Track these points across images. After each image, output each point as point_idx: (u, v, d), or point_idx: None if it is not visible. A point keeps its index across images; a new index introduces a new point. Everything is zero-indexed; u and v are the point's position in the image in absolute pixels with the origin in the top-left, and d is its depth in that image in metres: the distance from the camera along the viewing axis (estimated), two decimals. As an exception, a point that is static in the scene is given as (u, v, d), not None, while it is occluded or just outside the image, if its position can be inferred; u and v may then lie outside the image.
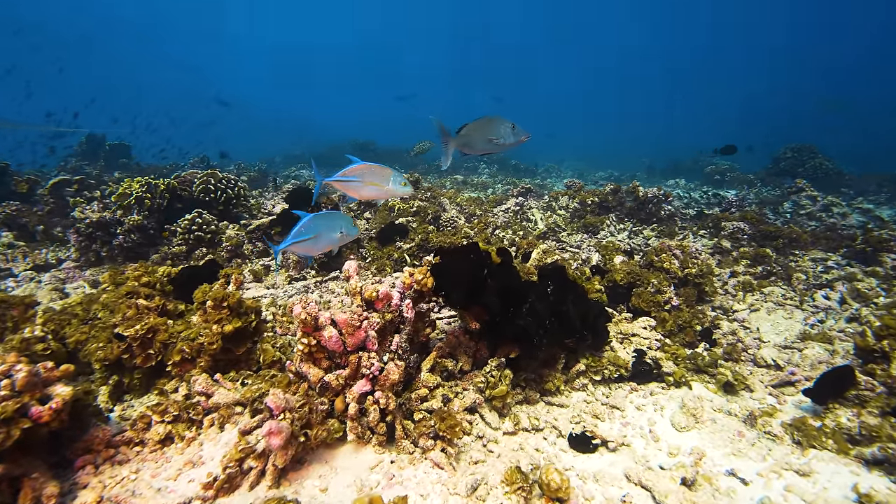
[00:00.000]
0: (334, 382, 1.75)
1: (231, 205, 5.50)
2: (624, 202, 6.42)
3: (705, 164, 12.68)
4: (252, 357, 2.13)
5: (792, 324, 3.55)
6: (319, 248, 2.54)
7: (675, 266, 3.79)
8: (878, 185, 9.48)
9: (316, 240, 2.43)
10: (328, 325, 1.76)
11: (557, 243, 5.81)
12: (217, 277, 2.61)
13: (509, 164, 16.10)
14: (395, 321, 2.07)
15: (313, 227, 2.42)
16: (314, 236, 2.41)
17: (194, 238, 4.53)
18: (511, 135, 2.48)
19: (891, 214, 7.47)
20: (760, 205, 8.33)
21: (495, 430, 2.14)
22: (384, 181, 2.54)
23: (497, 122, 2.47)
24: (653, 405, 2.38)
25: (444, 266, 2.14)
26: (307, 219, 2.42)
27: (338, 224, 2.49)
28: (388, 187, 2.55)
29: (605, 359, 2.58)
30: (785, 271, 4.39)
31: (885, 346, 2.16)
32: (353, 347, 1.83)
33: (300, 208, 4.41)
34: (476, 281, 2.19)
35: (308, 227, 2.41)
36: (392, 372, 1.80)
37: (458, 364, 2.37)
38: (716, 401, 2.35)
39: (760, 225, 5.31)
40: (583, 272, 3.87)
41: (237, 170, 11.40)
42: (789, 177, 9.79)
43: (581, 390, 2.54)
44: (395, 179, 2.55)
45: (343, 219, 2.51)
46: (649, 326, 2.85)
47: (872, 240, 4.53)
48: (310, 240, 2.41)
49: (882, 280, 4.03)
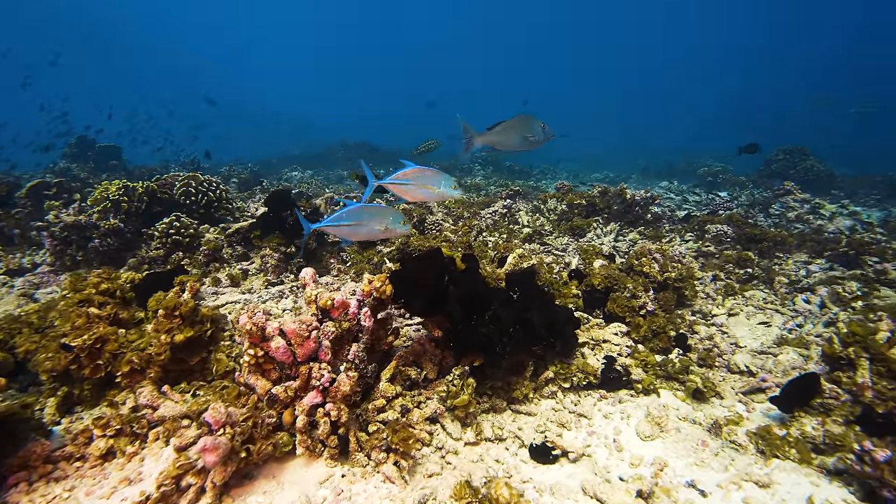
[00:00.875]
0: (282, 395, 1.71)
1: (213, 208, 5.46)
2: (612, 204, 6.39)
3: (698, 165, 12.68)
4: (207, 367, 2.09)
5: (770, 328, 3.51)
6: (359, 235, 2.55)
7: (654, 270, 3.76)
8: (869, 188, 9.47)
9: (357, 227, 2.45)
10: (276, 335, 1.72)
11: (543, 246, 5.78)
12: (183, 283, 2.57)
13: (504, 165, 16.07)
14: (353, 330, 2.03)
15: (357, 215, 2.44)
16: (355, 223, 2.44)
17: (172, 242, 4.48)
18: (542, 133, 2.64)
19: (880, 217, 7.46)
20: (751, 207, 8.31)
21: (456, 441, 2.10)
22: (436, 184, 2.58)
23: (532, 120, 2.62)
24: (620, 413, 2.35)
25: (404, 273, 2.10)
26: (354, 206, 2.45)
27: (386, 217, 2.47)
28: (439, 190, 2.57)
29: (575, 366, 2.55)
30: (767, 275, 4.37)
31: (851, 353, 2.13)
32: (303, 358, 1.79)
33: (279, 212, 4.39)
34: (438, 288, 2.15)
35: (352, 213, 2.44)
36: (343, 384, 1.76)
37: (422, 372, 2.33)
38: (682, 409, 2.31)
39: (746, 228, 5.28)
40: (560, 276, 3.84)
41: (228, 171, 11.36)
42: (780, 179, 9.78)
43: (550, 398, 2.50)
44: (445, 182, 2.58)
45: (394, 214, 2.50)
46: (620, 332, 2.82)
47: (855, 243, 4.51)
48: (350, 226, 2.44)
49: (864, 283, 4.00)
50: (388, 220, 2.46)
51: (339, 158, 16.84)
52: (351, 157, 16.17)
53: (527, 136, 2.64)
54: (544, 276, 3.58)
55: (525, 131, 2.63)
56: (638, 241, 5.75)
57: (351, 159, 16.11)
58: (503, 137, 2.62)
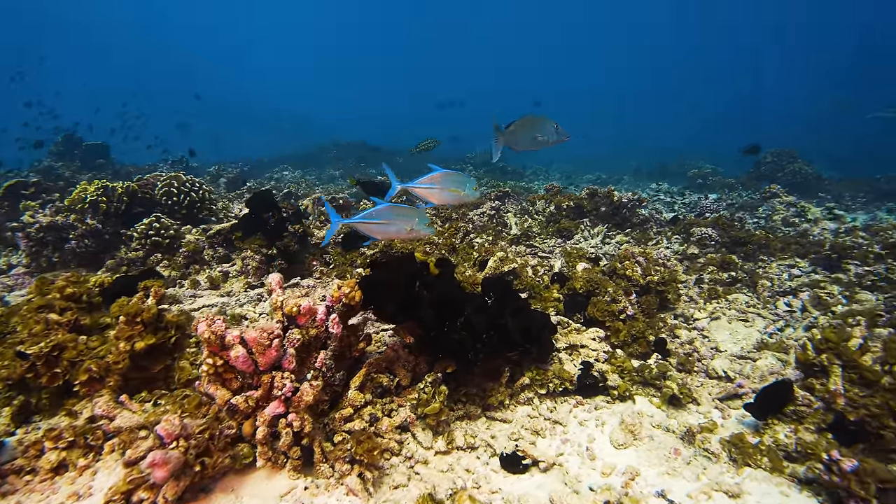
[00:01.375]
0: (242, 405, 1.67)
1: (195, 209, 5.39)
2: (599, 206, 6.39)
3: (689, 167, 12.72)
4: (171, 375, 2.04)
5: (752, 332, 3.51)
6: (387, 234, 2.60)
7: (637, 274, 3.75)
8: (855, 191, 9.54)
9: (386, 225, 2.50)
10: (236, 343, 1.67)
11: (530, 248, 5.76)
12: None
13: (497, 165, 16.05)
14: (321, 337, 1.99)
15: (387, 214, 2.48)
16: (385, 221, 2.48)
17: (151, 243, 4.42)
18: (555, 134, 2.67)
19: (865, 220, 7.50)
20: (740, 209, 8.34)
21: (427, 450, 2.07)
22: (461, 187, 2.68)
23: (543, 121, 2.65)
24: (595, 420, 2.32)
25: (374, 279, 2.07)
26: (383, 206, 2.49)
27: (413, 219, 2.50)
28: (463, 192, 2.68)
29: (551, 371, 2.52)
30: (751, 278, 4.37)
31: (824, 360, 2.12)
32: (266, 367, 1.75)
33: (261, 213, 4.33)
34: (409, 294, 2.11)
35: (381, 213, 2.48)
36: (306, 393, 1.72)
37: (395, 379, 2.29)
38: (656, 416, 2.29)
39: (731, 231, 5.29)
40: (542, 280, 3.82)
41: (217, 170, 11.26)
42: (768, 181, 9.83)
43: (526, 404, 2.47)
44: (469, 185, 2.68)
45: (421, 216, 2.53)
46: (598, 338, 2.79)
47: (837, 247, 4.52)
48: (379, 223, 2.49)
49: (844, 287, 4.01)
50: (414, 222, 2.50)
51: (332, 158, 16.75)
52: (342, 157, 16.09)
53: (537, 136, 2.67)
54: (526, 279, 3.56)
55: (535, 131, 2.67)
56: (624, 244, 5.75)
57: (342, 159, 16.03)
58: (514, 137, 2.68)
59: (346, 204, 5.96)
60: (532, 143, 2.72)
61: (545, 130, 2.67)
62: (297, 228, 4.32)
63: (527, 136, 2.68)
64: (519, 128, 2.67)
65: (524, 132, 2.68)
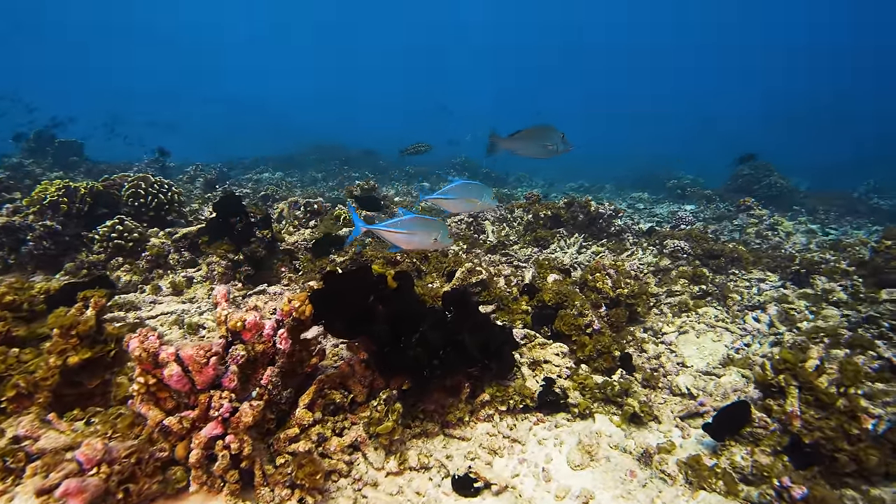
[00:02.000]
0: (176, 426, 1.58)
1: (164, 211, 5.24)
2: (576, 216, 6.39)
3: (668, 178, 12.88)
4: (109, 391, 1.94)
5: (719, 347, 3.51)
6: (411, 244, 2.65)
7: (607, 286, 3.73)
8: (828, 204, 9.74)
9: (409, 236, 2.56)
10: (171, 361, 1.59)
11: (506, 257, 5.73)
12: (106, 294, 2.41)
13: (480, 171, 16.07)
14: (268, 353, 1.92)
15: (411, 224, 2.55)
16: (409, 232, 2.55)
17: (114, 246, 4.27)
18: (561, 144, 2.78)
19: (837, 234, 7.65)
20: (717, 220, 8.45)
21: (378, 471, 2.00)
22: (479, 196, 2.84)
23: (550, 130, 2.76)
24: (554, 439, 2.28)
25: (326, 292, 2.00)
26: (409, 216, 2.57)
27: (435, 231, 2.58)
28: (480, 202, 2.84)
29: (512, 388, 2.47)
30: (721, 292, 4.39)
31: (782, 381, 2.10)
32: (203, 385, 1.66)
33: (228, 217, 4.22)
34: (363, 308, 2.05)
35: (406, 223, 2.54)
36: (245, 414, 1.64)
37: (349, 395, 2.22)
38: (615, 436, 2.25)
39: (704, 243, 5.33)
40: (511, 292, 3.78)
41: (195, 171, 11.03)
42: (745, 193, 9.99)
43: (486, 421, 2.42)
44: (486, 194, 2.85)
45: (442, 228, 2.62)
46: (562, 353, 2.76)
47: (805, 262, 4.58)
48: (404, 233, 2.55)
49: (812, 302, 4.06)
50: (438, 234, 2.58)
51: (313, 160, 16.59)
52: (325, 160, 15.93)
53: (545, 144, 2.78)
54: (494, 290, 3.52)
55: (543, 140, 2.77)
56: (600, 254, 5.76)
57: (325, 161, 15.88)
58: (522, 144, 2.79)
59: (320, 208, 5.86)
60: (540, 152, 2.83)
61: (553, 140, 2.77)
62: (266, 234, 4.22)
63: (535, 145, 2.80)
64: (528, 136, 2.77)
65: (533, 140, 2.78)
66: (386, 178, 14.29)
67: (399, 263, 4.00)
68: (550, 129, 2.76)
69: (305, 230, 5.61)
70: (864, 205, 9.67)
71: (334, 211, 5.82)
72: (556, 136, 2.77)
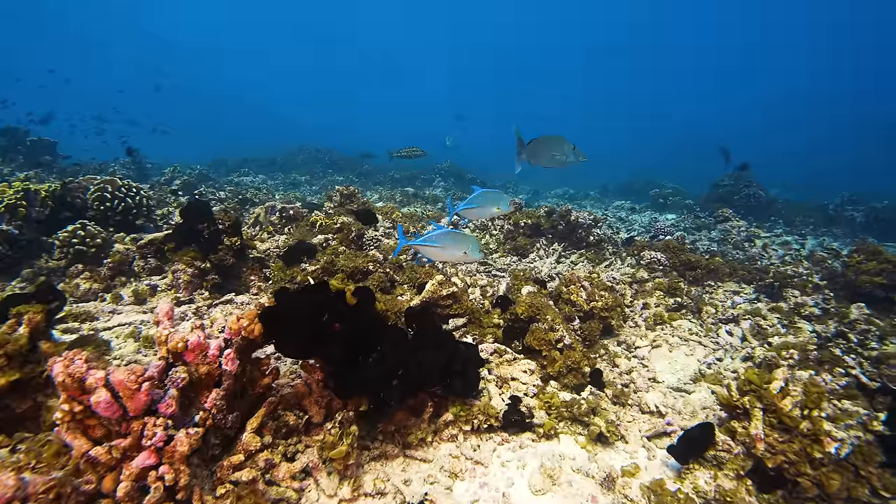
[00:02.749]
0: (104, 457, 1.48)
1: (131, 215, 5.08)
2: (557, 225, 6.37)
3: (651, 187, 12.99)
4: (41, 416, 1.82)
5: (691, 362, 3.49)
6: (443, 257, 2.83)
7: (581, 299, 3.69)
8: (805, 216, 9.90)
9: (443, 249, 2.72)
10: (100, 387, 1.48)
11: (484, 266, 5.68)
12: (52, 305, 2.29)
13: (466, 177, 16.04)
14: (213, 374, 1.82)
15: (444, 239, 2.71)
16: (441, 246, 2.71)
17: (74, 252, 4.11)
18: (572, 154, 2.87)
19: (814, 245, 7.76)
20: (697, 230, 8.52)
21: (329, 498, 1.91)
22: (498, 204, 3.01)
23: (561, 141, 2.85)
24: (517, 462, 2.21)
25: (277, 310, 1.90)
26: (441, 231, 2.77)
27: (465, 244, 2.73)
28: (497, 209, 3.02)
29: (477, 407, 2.40)
30: (696, 304, 4.39)
31: (747, 402, 2.07)
32: (137, 412, 1.56)
33: (195, 224, 4.09)
34: (318, 327, 1.96)
35: (439, 237, 2.71)
36: (181, 442, 1.54)
37: (304, 417, 2.13)
38: (578, 458, 2.20)
39: (681, 254, 5.34)
40: (483, 305, 3.72)
41: (172, 172, 10.80)
42: (725, 204, 10.10)
43: (450, 441, 2.34)
44: (504, 201, 3.01)
45: (472, 241, 2.76)
46: (529, 370, 2.70)
47: (779, 275, 4.60)
48: (437, 247, 2.71)
49: (784, 316, 4.07)
50: (468, 247, 2.72)
51: (300, 162, 16.42)
52: (310, 162, 15.78)
53: (555, 154, 2.88)
54: (465, 303, 3.45)
55: (553, 150, 2.88)
56: (579, 264, 5.74)
57: (310, 164, 15.72)
58: (535, 153, 2.90)
59: (296, 214, 5.75)
60: (550, 161, 2.92)
61: (563, 150, 2.86)
62: (235, 241, 4.10)
63: (546, 154, 2.89)
64: (540, 145, 2.87)
65: (543, 148, 2.88)
66: (370, 183, 14.18)
67: (371, 273, 3.91)
68: (560, 139, 2.85)
69: (280, 236, 5.49)
70: (840, 216, 9.85)
71: (310, 217, 5.71)
72: (567, 146, 2.85)
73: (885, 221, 8.94)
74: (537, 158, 2.93)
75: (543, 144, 2.87)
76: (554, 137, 2.87)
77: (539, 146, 2.88)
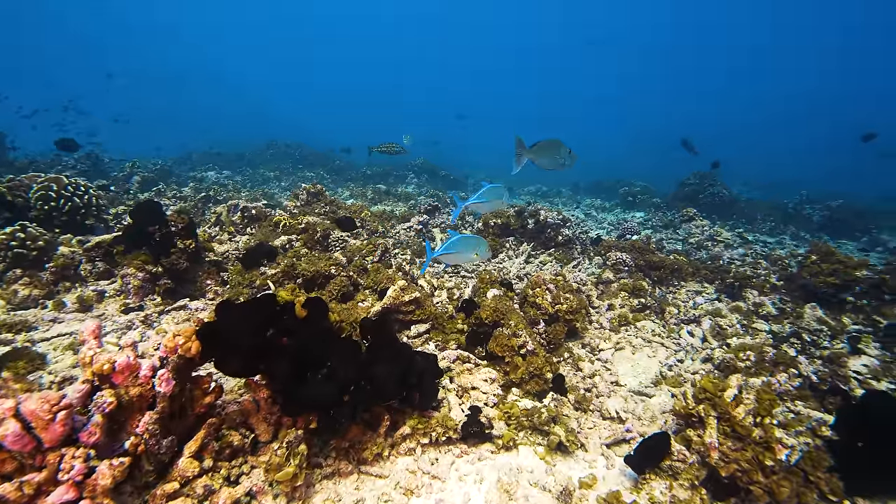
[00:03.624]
0: (13, 494, 1.35)
1: (79, 215, 4.81)
2: (526, 225, 6.36)
3: (620, 185, 13.19)
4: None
5: (653, 364, 3.52)
6: (458, 261, 3.15)
7: (546, 302, 3.67)
8: (764, 215, 10.21)
9: (458, 254, 3.04)
10: (8, 417, 1.35)
11: (453, 268, 5.62)
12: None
13: (439, 174, 15.94)
14: (146, 396, 1.69)
15: (458, 244, 3.02)
16: (456, 252, 3.02)
17: (13, 256, 3.85)
18: (568, 158, 3.09)
19: (773, 244, 8.01)
20: (664, 228, 8.68)
21: (275, 522, 1.81)
22: (504, 197, 3.31)
23: (560, 145, 3.07)
24: (475, 475, 2.16)
25: (215, 327, 1.79)
26: (457, 237, 3.05)
27: (475, 246, 3.05)
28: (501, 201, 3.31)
29: (435, 419, 2.34)
30: (660, 305, 4.44)
31: (702, 410, 2.07)
32: (53, 443, 1.43)
33: (146, 225, 3.88)
34: (262, 342, 1.86)
35: (454, 243, 3.01)
36: (103, 475, 1.42)
37: (251, 435, 2.02)
38: (536, 472, 2.16)
39: (646, 254, 5.40)
40: (448, 309, 3.66)
41: (131, 167, 10.34)
42: (690, 202, 10.33)
43: (407, 455, 2.28)
44: (507, 195, 3.29)
45: (482, 244, 3.08)
46: (490, 379, 2.65)
47: (739, 275, 4.70)
48: (453, 253, 3.01)
49: (743, 316, 4.16)
50: (479, 249, 3.06)
51: (269, 158, 15.98)
52: (279, 157, 15.38)
53: (555, 156, 3.09)
54: (429, 308, 3.38)
55: (553, 153, 3.08)
56: (547, 264, 5.74)
57: (279, 159, 15.32)
58: (537, 156, 3.08)
59: (259, 213, 5.55)
60: (551, 164, 3.11)
61: (561, 153, 3.08)
62: (189, 244, 3.91)
63: (548, 157, 3.09)
64: (542, 148, 3.07)
65: (545, 151, 3.08)
66: (341, 179, 13.93)
67: (333, 277, 3.79)
68: (558, 143, 3.07)
69: (242, 237, 5.30)
70: (798, 215, 10.21)
71: (273, 217, 5.52)
72: (565, 150, 3.07)
73: (839, 221, 9.31)
74: (541, 161, 3.12)
75: (545, 148, 3.06)
76: (553, 141, 3.06)
77: (541, 150, 3.06)
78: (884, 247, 8.00)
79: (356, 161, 16.24)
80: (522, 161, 3.10)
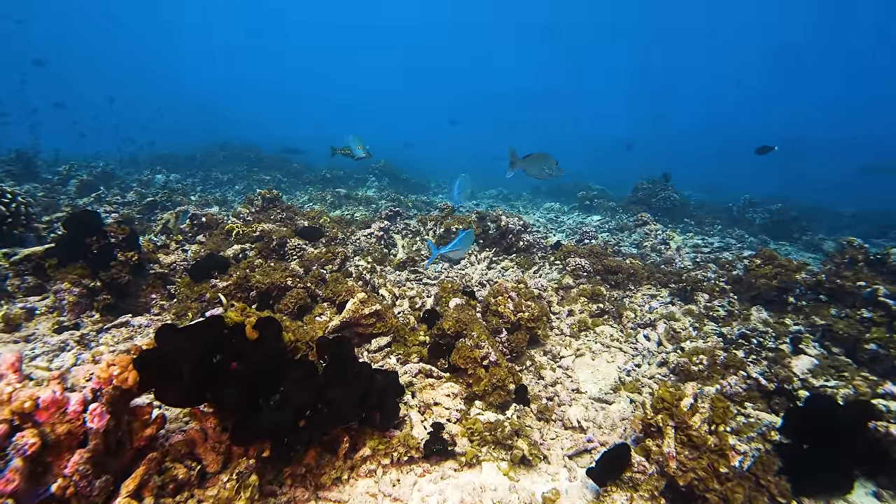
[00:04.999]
0: None
1: (6, 225, 4.40)
2: (488, 230, 6.38)
3: (578, 189, 13.51)
4: None
5: (612, 370, 3.59)
6: (461, 255, 3.54)
7: (508, 310, 3.67)
8: (713, 217, 10.74)
9: (463, 249, 3.42)
10: None
11: (416, 274, 5.56)
12: None
13: (400, 177, 15.80)
14: (76, 433, 1.54)
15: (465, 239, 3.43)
16: (463, 247, 3.41)
17: (-75, 272, 3.47)
18: (555, 170, 3.34)
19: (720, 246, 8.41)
20: (620, 231, 8.95)
21: (224, 561, 1.69)
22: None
23: (548, 158, 3.32)
24: (438, 495, 2.11)
25: (154, 356, 1.65)
26: (463, 233, 3.45)
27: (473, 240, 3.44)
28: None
29: (396, 439, 2.27)
30: (617, 309, 4.55)
31: (660, 420, 2.11)
32: (-39, 496, 1.27)
33: (80, 237, 3.60)
34: (207, 369, 1.73)
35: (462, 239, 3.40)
36: (21, 528, 1.27)
37: (197, 467, 1.88)
38: (499, 489, 2.14)
39: (605, 259, 5.53)
40: (409, 321, 3.60)
41: (68, 170, 9.63)
42: (643, 206, 10.72)
43: (368, 477, 2.20)
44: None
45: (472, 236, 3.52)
46: (453, 394, 2.61)
47: (690, 279, 4.89)
48: (460, 249, 3.40)
49: (695, 319, 4.32)
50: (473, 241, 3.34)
51: (221, 160, 15.34)
52: (232, 160, 14.79)
53: (544, 168, 3.34)
54: (390, 321, 3.31)
55: (542, 165, 3.33)
56: (509, 270, 5.78)
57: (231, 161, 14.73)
58: (528, 166, 3.34)
59: (210, 221, 5.29)
60: (539, 174, 3.37)
61: (550, 165, 3.32)
62: (131, 256, 3.66)
63: (537, 167, 3.33)
64: (532, 160, 3.32)
65: (535, 163, 3.33)
66: (299, 183, 13.55)
67: (289, 289, 3.65)
68: (546, 156, 3.32)
69: (192, 246, 5.02)
70: (742, 217, 10.81)
71: (226, 225, 5.27)
72: (551, 161, 3.32)
73: (779, 223, 9.92)
74: (531, 171, 3.36)
75: (536, 161, 3.32)
76: (542, 154, 3.32)
77: (531, 161, 3.32)
78: (818, 248, 8.58)
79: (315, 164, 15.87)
80: (514, 169, 3.35)
